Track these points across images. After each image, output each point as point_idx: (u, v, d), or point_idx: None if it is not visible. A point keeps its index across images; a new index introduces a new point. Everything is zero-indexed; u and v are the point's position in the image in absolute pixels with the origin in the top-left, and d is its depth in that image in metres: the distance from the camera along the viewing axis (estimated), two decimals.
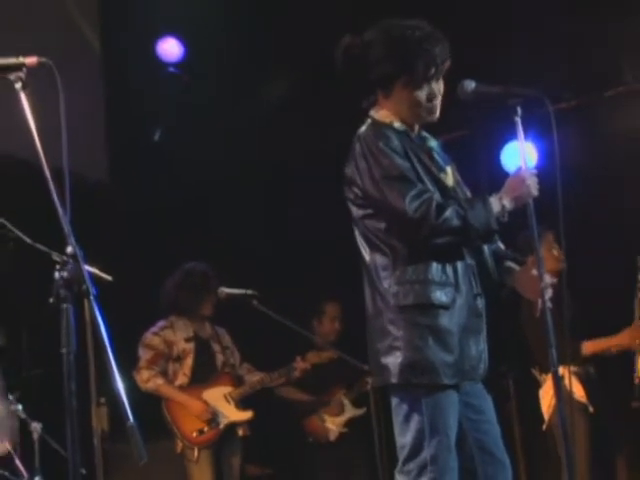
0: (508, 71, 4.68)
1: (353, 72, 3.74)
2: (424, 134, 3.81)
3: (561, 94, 7.15)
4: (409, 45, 3.61)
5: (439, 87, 3.70)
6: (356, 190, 3.62)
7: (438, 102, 3.72)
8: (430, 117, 3.73)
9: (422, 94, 3.66)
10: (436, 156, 3.76)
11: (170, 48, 8.38)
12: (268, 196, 8.19)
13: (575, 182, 3.78)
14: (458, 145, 4.02)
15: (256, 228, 8.12)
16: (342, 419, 7.35)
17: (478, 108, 3.91)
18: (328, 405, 7.35)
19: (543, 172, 3.70)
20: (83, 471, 2.77)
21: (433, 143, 3.81)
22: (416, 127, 3.78)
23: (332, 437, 7.34)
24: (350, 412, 7.30)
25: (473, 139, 7.60)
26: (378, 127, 3.66)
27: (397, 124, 3.69)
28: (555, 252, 6.30)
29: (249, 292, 5.89)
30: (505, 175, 3.74)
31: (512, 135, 7.53)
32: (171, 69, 8.36)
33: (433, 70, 3.64)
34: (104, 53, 8.11)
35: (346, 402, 7.33)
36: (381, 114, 3.72)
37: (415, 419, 3.48)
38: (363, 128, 3.70)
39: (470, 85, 3.68)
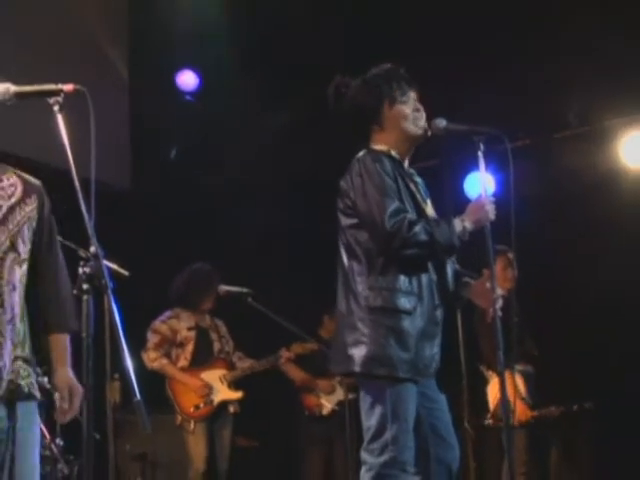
0: (473, 112, 4.68)
1: (340, 107, 3.80)
2: (412, 171, 3.85)
3: (516, 133, 7.16)
4: (379, 77, 3.77)
5: (419, 105, 3.77)
6: (347, 201, 3.64)
7: (422, 115, 3.76)
8: (421, 130, 3.75)
9: (406, 107, 3.74)
10: (420, 188, 3.82)
11: (187, 79, 8.39)
12: (274, 206, 8.18)
13: (526, 209, 3.77)
14: (428, 173, 4.01)
15: (263, 232, 8.11)
16: (334, 398, 7.34)
17: (445, 142, 3.90)
18: (321, 385, 7.35)
19: (500, 200, 3.71)
20: (97, 436, 2.77)
21: (419, 179, 3.87)
22: (407, 162, 3.82)
23: (325, 411, 7.36)
24: (341, 395, 7.27)
25: (441, 169, 7.61)
26: (375, 153, 3.71)
27: (393, 153, 3.74)
28: (509, 273, 6.29)
29: (245, 290, 5.86)
30: (467, 201, 3.76)
31: (474, 166, 7.58)
32: (187, 97, 8.37)
33: (404, 85, 3.75)
34: (131, 81, 8.12)
35: (338, 386, 7.31)
36: (378, 146, 3.76)
37: (379, 406, 3.49)
38: (362, 153, 3.73)
39: (441, 123, 3.75)
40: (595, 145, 7.39)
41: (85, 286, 2.74)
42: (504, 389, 3.51)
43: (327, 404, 7.34)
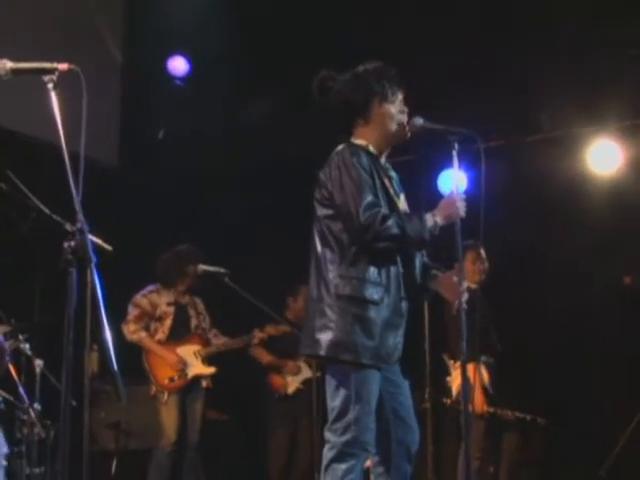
0: (451, 112, 4.70)
1: (325, 100, 3.79)
2: (388, 165, 3.86)
3: (491, 134, 7.19)
4: (372, 74, 3.75)
5: (404, 107, 3.78)
6: (324, 192, 3.65)
7: (406, 117, 3.77)
8: (402, 130, 3.77)
9: (393, 108, 3.75)
10: (394, 183, 3.82)
11: (178, 64, 8.36)
12: (256, 189, 8.17)
13: (496, 208, 3.80)
14: (403, 168, 4.02)
15: (245, 215, 8.10)
16: (300, 378, 7.41)
17: (421, 139, 3.91)
18: (288, 366, 7.41)
19: (470, 197, 3.74)
20: (73, 403, 2.78)
21: (393, 174, 3.87)
22: (383, 157, 3.83)
23: (290, 390, 7.41)
24: (306, 374, 7.34)
25: (416, 165, 7.61)
26: (354, 147, 3.71)
27: (371, 148, 3.75)
28: (479, 266, 6.34)
29: (222, 270, 5.85)
30: (440, 197, 3.78)
31: (447, 164, 7.59)
32: (177, 82, 8.34)
33: (395, 85, 3.76)
34: (125, 64, 8.10)
35: (304, 365, 7.37)
36: (358, 140, 3.77)
37: (344, 389, 3.51)
38: (341, 146, 3.73)
39: (419, 121, 3.76)
40: (565, 150, 7.42)
41: (69, 259, 2.74)
42: (465, 378, 3.55)
43: (292, 383, 7.39)
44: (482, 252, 6.34)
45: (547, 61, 6.90)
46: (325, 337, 3.51)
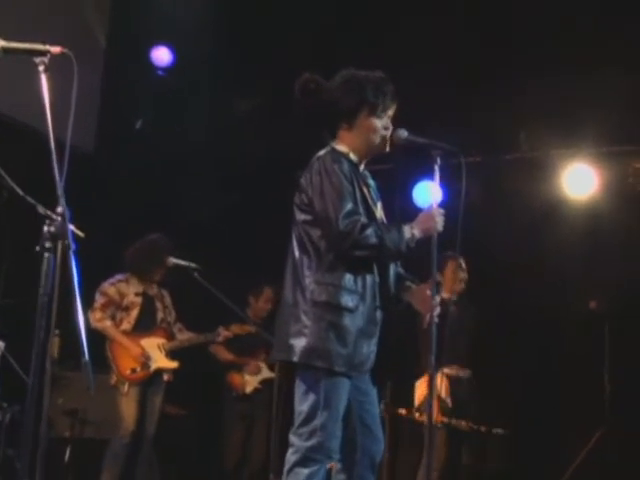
0: (427, 125, 4.75)
1: (307, 102, 3.77)
2: (367, 173, 3.86)
3: (469, 150, 7.23)
4: (368, 83, 3.73)
5: (390, 124, 3.79)
6: (304, 198, 3.64)
7: (389, 133, 3.78)
8: (382, 145, 3.78)
9: (380, 123, 3.75)
10: (372, 192, 3.82)
11: (161, 54, 8.33)
12: (233, 185, 8.16)
13: (471, 223, 3.83)
14: (380, 176, 4.02)
15: (216, 209, 8.07)
16: (258, 378, 7.43)
17: (400, 150, 3.93)
18: (249, 365, 7.40)
19: (447, 211, 3.75)
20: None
21: (372, 182, 3.87)
22: (363, 165, 3.83)
23: (248, 390, 7.41)
24: (265, 374, 7.38)
25: (392, 174, 7.63)
26: (336, 154, 3.71)
27: (352, 156, 3.74)
28: (459, 275, 6.45)
29: (192, 265, 5.84)
30: (415, 208, 3.80)
31: (423, 176, 7.65)
32: (160, 72, 8.31)
33: (388, 103, 3.76)
34: (108, 50, 8.05)
35: (263, 366, 7.40)
36: (340, 146, 3.76)
37: (313, 394, 3.51)
38: (323, 152, 3.73)
39: (403, 134, 3.77)
40: (541, 171, 7.48)
41: (47, 244, 2.72)
42: (432, 389, 3.57)
43: (251, 383, 7.39)
44: (462, 262, 6.45)
45: (529, 80, 6.95)
46: (299, 343, 3.51)
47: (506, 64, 7.05)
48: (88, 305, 6.42)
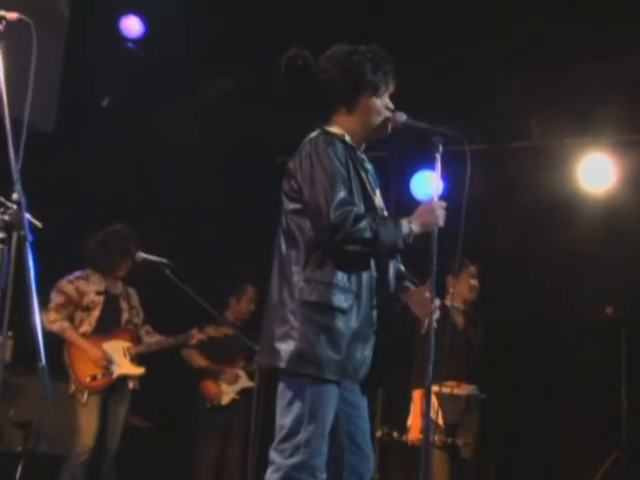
0: (429, 110, 4.75)
1: (294, 81, 3.76)
2: (364, 156, 3.85)
3: (472, 137, 7.24)
4: (367, 61, 3.73)
5: (391, 104, 3.80)
6: (293, 184, 3.62)
7: (390, 114, 3.78)
8: (384, 126, 3.78)
9: (381, 102, 3.76)
10: (370, 177, 3.81)
11: (131, 25, 8.29)
12: (209, 171, 8.14)
13: (473, 217, 3.83)
14: (374, 164, 4.02)
15: (191, 199, 8.07)
16: (236, 387, 7.44)
17: (397, 136, 3.93)
18: (225, 373, 7.40)
19: (448, 201, 3.75)
20: None
21: (370, 166, 3.86)
22: (361, 148, 3.83)
23: (224, 401, 7.44)
24: (244, 383, 7.40)
25: (388, 162, 7.63)
26: (330, 136, 3.69)
27: (347, 138, 3.74)
28: (472, 282, 6.51)
29: (164, 261, 5.84)
30: (413, 201, 3.81)
31: (423, 165, 7.66)
32: (130, 44, 8.28)
33: (390, 81, 3.77)
34: (71, 19, 7.99)
35: (242, 374, 7.41)
36: (334, 128, 3.75)
37: (297, 405, 3.49)
38: (315, 133, 3.71)
39: (402, 117, 3.78)
40: (554, 161, 7.50)
41: (1, 235, 2.70)
42: (428, 402, 3.56)
43: (227, 393, 7.39)
44: (475, 270, 6.56)
45: (539, 64, 6.94)
46: (286, 347, 3.50)
47: (515, 42, 7.01)
48: (45, 304, 6.40)
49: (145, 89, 7.96)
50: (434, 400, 6.18)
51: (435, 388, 6.13)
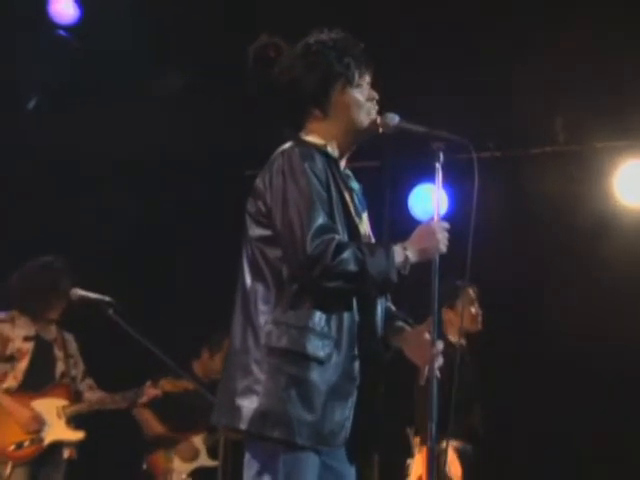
0: (432, 111, 4.80)
1: (263, 76, 3.78)
2: (349, 172, 3.87)
3: (485, 143, 7.30)
4: (330, 49, 3.75)
5: (374, 93, 3.82)
6: (261, 205, 3.62)
7: (375, 106, 3.80)
8: (371, 123, 3.78)
9: (360, 94, 3.77)
10: (355, 199, 3.81)
11: (64, 9, 8.32)
12: (158, 185, 8.19)
13: (485, 237, 3.87)
14: (363, 177, 4.02)
15: (137, 223, 8.13)
16: (191, 466, 7.43)
17: (390, 142, 3.97)
18: (181, 445, 7.40)
19: (453, 221, 3.74)
20: None
21: (355, 185, 3.86)
22: (344, 160, 3.85)
23: None
24: (203, 461, 7.36)
25: (380, 173, 7.68)
26: (307, 147, 3.68)
27: (329, 148, 3.74)
28: (473, 310, 6.54)
29: (106, 299, 5.83)
30: (410, 221, 3.83)
31: (422, 177, 7.73)
32: (61, 32, 8.31)
33: (362, 64, 3.78)
34: None
35: (202, 448, 7.36)
36: (312, 137, 3.77)
37: (268, 475, 3.48)
38: (289, 144, 3.70)
39: (394, 119, 3.77)
40: (584, 171, 7.55)
41: None
42: (432, 469, 3.57)
43: (179, 471, 7.35)
44: (475, 294, 6.58)
45: (567, 51, 6.99)
46: (249, 404, 3.48)
47: (535, 30, 7.07)
48: None
49: (80, 88, 8.00)
50: (454, 457, 6.23)
51: (454, 443, 6.19)
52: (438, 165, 3.73)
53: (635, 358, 7.36)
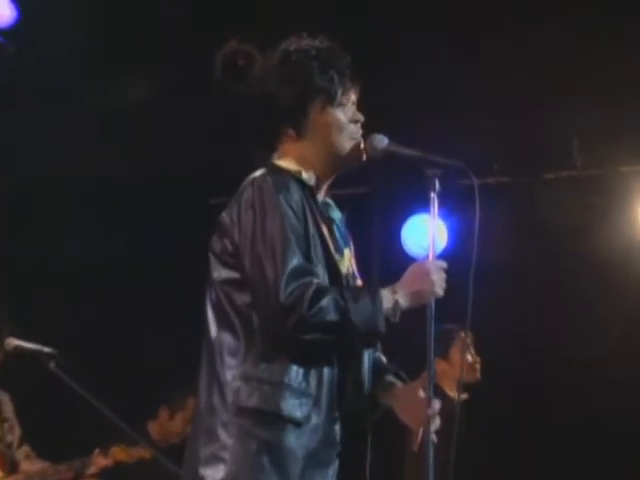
0: (430, 133, 4.82)
1: (232, 87, 3.77)
2: (329, 201, 3.86)
3: (490, 166, 7.33)
4: (311, 59, 3.73)
5: (359, 114, 3.80)
6: (227, 244, 3.60)
7: (360, 129, 3.78)
8: (355, 148, 3.76)
9: (343, 114, 3.75)
10: (337, 232, 3.81)
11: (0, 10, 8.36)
12: (117, 212, 8.20)
13: (490, 276, 3.86)
14: (349, 206, 4.01)
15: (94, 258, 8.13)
16: None
17: (379, 167, 3.96)
18: None
19: (452, 259, 3.73)
20: None
21: (337, 215, 3.86)
22: (324, 189, 3.82)
23: None
24: None
25: (369, 201, 7.69)
26: (281, 176, 3.66)
27: (306, 175, 3.71)
28: (470, 357, 6.54)
29: (46, 350, 5.82)
30: (403, 256, 3.82)
31: (418, 208, 7.77)
32: None
33: (348, 84, 3.76)
34: None
35: None
36: (286, 162, 3.74)
37: None
38: (260, 172, 3.66)
39: (382, 141, 3.75)
40: (604, 197, 7.58)
41: None
42: None
43: None
44: (470, 339, 6.58)
45: (585, 64, 7.03)
46: (213, 474, 3.46)
47: (549, 40, 7.09)
48: None
49: (21, 99, 8.00)
50: None
51: None
52: (433, 194, 3.70)
53: None
